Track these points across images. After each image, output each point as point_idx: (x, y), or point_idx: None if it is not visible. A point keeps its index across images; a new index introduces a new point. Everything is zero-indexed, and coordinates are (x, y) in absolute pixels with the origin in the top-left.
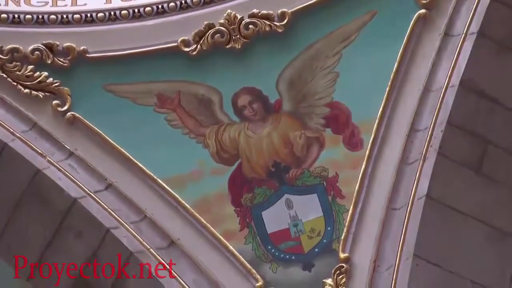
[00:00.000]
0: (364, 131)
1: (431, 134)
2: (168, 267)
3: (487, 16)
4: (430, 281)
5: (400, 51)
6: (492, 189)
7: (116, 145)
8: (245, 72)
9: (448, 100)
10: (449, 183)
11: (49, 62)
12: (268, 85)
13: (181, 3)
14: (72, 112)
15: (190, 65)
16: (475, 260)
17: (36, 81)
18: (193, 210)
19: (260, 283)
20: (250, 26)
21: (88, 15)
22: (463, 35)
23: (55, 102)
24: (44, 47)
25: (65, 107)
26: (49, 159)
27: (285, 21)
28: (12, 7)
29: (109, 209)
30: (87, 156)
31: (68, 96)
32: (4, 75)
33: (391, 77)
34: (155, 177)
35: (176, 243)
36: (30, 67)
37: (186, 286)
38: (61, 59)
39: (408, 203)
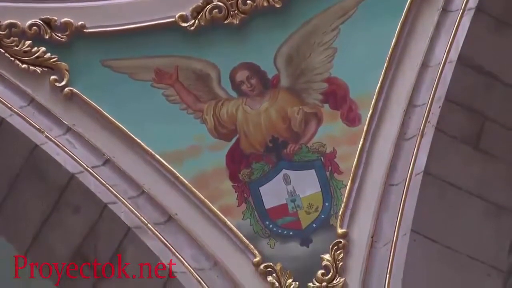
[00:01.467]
0: (362, 106)
1: (429, 110)
2: (165, 242)
3: None
4: (427, 257)
5: (398, 26)
6: (489, 165)
7: (114, 120)
8: (243, 47)
9: (446, 75)
10: (447, 159)
11: (47, 37)
12: (266, 60)
13: None
14: (70, 88)
15: (188, 41)
16: (472, 235)
17: (34, 56)
18: (190, 186)
19: (257, 259)
20: (248, 1)
21: None
22: (461, 10)
23: (53, 77)
24: (42, 22)
25: (63, 83)
26: (47, 134)
27: None
28: None
29: (107, 185)
30: (85, 132)
31: (66, 72)
32: (2, 50)
33: (389, 52)
34: (153, 152)
35: (173, 218)
36: (28, 42)
37: (184, 261)
38: (59, 34)
39: (406, 179)
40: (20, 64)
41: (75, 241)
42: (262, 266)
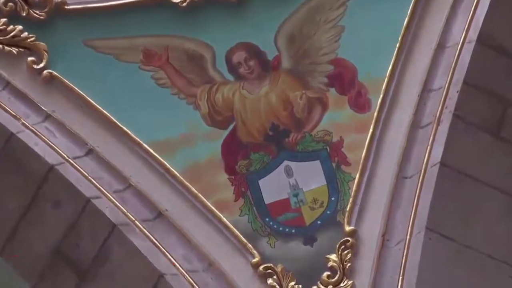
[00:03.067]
0: (371, 91)
1: (446, 95)
2: (155, 241)
3: None
4: (444, 257)
5: (412, 2)
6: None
7: (98, 106)
8: (240, 25)
9: (465, 57)
10: (465, 149)
11: (24, 14)
12: (266, 40)
13: None
14: (49, 70)
15: (179, 18)
16: (494, 233)
17: (9, 36)
18: (182, 178)
19: (256, 259)
20: None
21: None
22: None
23: (30, 58)
24: None
25: (42, 65)
26: (24, 122)
27: None
28: None
29: (89, 177)
30: (65, 119)
31: (45, 52)
32: None
33: (402, 31)
34: (140, 141)
35: (163, 214)
36: (3, 20)
37: (175, 262)
38: (37, 12)
39: (420, 171)
40: None
41: (55, 240)
42: (261, 268)
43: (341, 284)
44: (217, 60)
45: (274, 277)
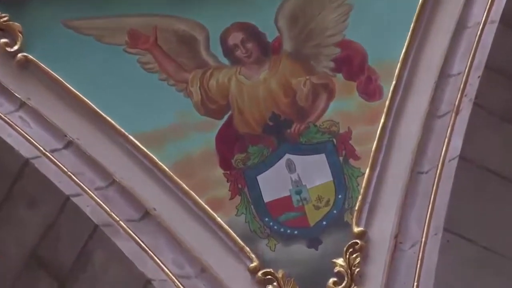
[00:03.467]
0: (383, 76)
1: (466, 81)
2: (141, 243)
3: None
4: (463, 260)
5: None
6: None
7: (78, 93)
8: (237, 3)
9: (487, 39)
10: (487, 141)
11: None
12: (265, 20)
13: None
14: (24, 54)
15: None
16: None
17: None
18: (172, 174)
19: (254, 264)
20: None
21: None
22: None
23: (3, 40)
24: None
25: (16, 47)
26: None
27: None
28: None
29: (69, 172)
30: (42, 107)
31: (19, 34)
32: None
33: (417, 10)
34: (125, 133)
35: (151, 214)
36: None
37: (164, 267)
38: None
39: (437, 166)
40: None
41: (31, 242)
42: (260, 273)
43: None
44: (211, 42)
45: (274, 283)
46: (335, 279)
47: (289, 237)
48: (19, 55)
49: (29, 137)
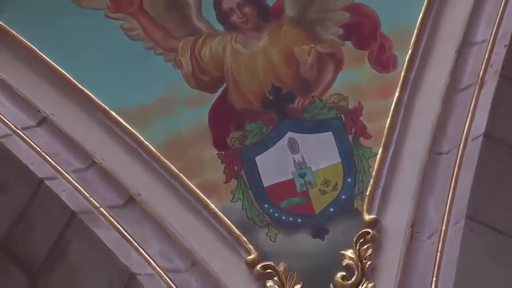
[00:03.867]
0: (398, 45)
1: (491, 50)
2: (125, 233)
3: None
4: (487, 251)
5: None
6: None
7: (54, 64)
8: None
9: None
10: None
11: None
12: None
13: None
14: None
15: None
16: None
17: None
18: (159, 154)
19: (253, 256)
20: None
21: None
22: None
23: None
24: None
25: None
26: None
27: None
28: None
29: (43, 153)
30: (12, 80)
31: None
32: None
33: None
34: (107, 108)
35: (136, 200)
36: None
37: (150, 259)
38: None
39: (459, 145)
40: None
41: (0, 232)
42: (259, 267)
43: (360, 287)
44: (203, 6)
45: (275, 278)
46: (343, 273)
47: (291, 226)
48: None
49: None
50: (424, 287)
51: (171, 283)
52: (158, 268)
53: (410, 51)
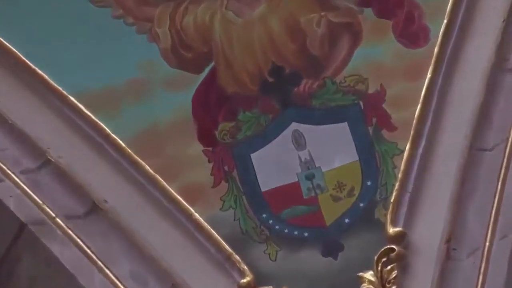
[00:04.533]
0: (430, 13)
1: None
2: (86, 249)
3: None
4: None
5: None
6: None
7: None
8: None
9: None
10: None
11: None
12: None
13: None
14: None
15: None
16: None
17: None
18: (130, 151)
19: (247, 279)
20: None
21: None
22: None
23: None
24: None
25: None
26: None
27: None
28: None
29: None
30: None
31: None
32: None
33: None
34: (64, 92)
35: (101, 208)
36: None
37: (118, 283)
38: None
39: (507, 139)
40: None
41: None
42: None
43: None
44: None
45: None
46: None
47: (296, 241)
48: None
49: None
50: None
51: None
52: None
53: (445, 21)
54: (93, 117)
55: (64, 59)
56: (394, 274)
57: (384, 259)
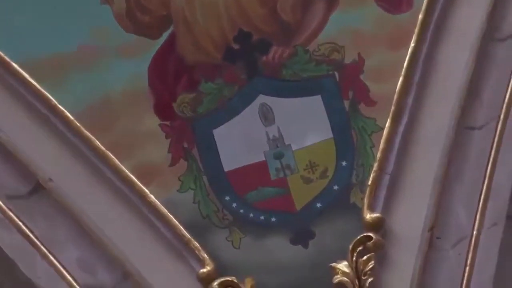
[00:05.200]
0: None
1: None
2: (29, 234)
3: None
4: None
5: None
6: None
7: None
8: None
9: None
10: None
11: None
12: None
13: None
14: None
15: None
16: None
17: None
18: (79, 124)
19: (207, 268)
20: None
21: None
22: None
23: None
24: None
25: None
26: None
27: None
28: None
29: None
30: None
31: None
32: None
33: None
34: (7, 59)
35: (45, 187)
36: None
37: (63, 271)
38: None
39: (498, 117)
40: None
41: None
42: (216, 283)
43: None
44: None
45: None
46: None
47: (262, 227)
48: None
49: None
50: None
51: None
52: (74, 283)
53: None
54: (38, 86)
55: (7, 23)
56: (370, 265)
57: (360, 248)
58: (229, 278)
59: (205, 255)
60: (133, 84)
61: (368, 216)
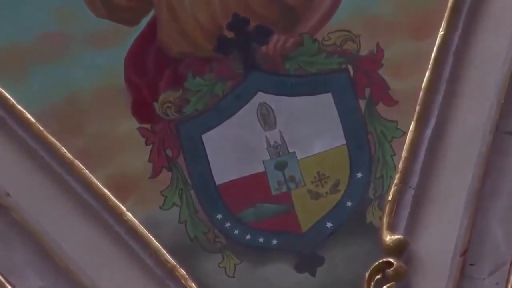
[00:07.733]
0: None
1: None
2: None
3: None
4: None
5: None
6: None
7: None
8: None
9: None
10: None
11: None
12: None
13: None
14: None
15: None
16: None
17: None
18: (42, 128)
19: None
20: None
21: None
22: None
23: None
24: None
25: None
26: None
27: None
28: None
29: None
30: None
31: None
32: None
33: None
34: None
35: (2, 203)
36: None
37: None
38: None
39: None
40: None
41: None
42: None
43: None
44: None
45: None
46: None
47: (262, 251)
48: None
49: None
50: None
51: None
52: None
53: None
54: None
55: None
56: None
57: (378, 277)
58: None
59: (193, 285)
60: (106, 79)
61: (388, 238)
